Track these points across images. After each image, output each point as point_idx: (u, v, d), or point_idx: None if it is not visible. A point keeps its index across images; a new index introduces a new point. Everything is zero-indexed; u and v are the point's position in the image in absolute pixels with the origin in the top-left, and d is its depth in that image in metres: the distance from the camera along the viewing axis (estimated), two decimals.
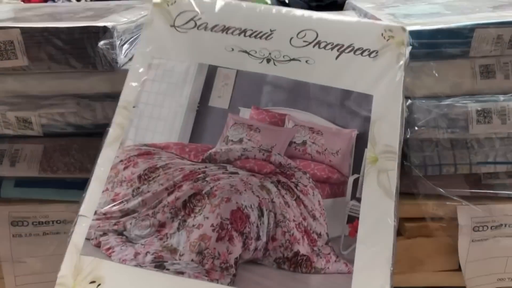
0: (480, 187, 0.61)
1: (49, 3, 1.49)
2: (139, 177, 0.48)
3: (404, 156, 0.60)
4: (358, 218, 0.46)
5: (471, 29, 0.58)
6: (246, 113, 0.53)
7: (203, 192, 0.46)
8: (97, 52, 0.50)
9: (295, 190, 0.49)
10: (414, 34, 0.59)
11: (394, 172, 0.48)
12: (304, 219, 0.48)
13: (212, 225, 0.45)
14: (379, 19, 0.68)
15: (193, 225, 0.45)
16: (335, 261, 0.46)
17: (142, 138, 0.49)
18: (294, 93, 0.53)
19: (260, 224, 0.46)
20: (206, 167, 0.49)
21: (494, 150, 0.60)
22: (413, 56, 0.59)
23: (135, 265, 0.43)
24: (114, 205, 0.46)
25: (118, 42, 0.50)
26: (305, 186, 0.49)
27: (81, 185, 0.47)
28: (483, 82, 0.60)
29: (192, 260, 0.44)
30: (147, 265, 0.43)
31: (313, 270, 0.45)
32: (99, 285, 0.42)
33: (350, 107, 0.53)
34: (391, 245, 0.44)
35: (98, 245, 0.45)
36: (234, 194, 0.46)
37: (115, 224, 0.46)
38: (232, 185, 0.47)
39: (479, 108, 0.59)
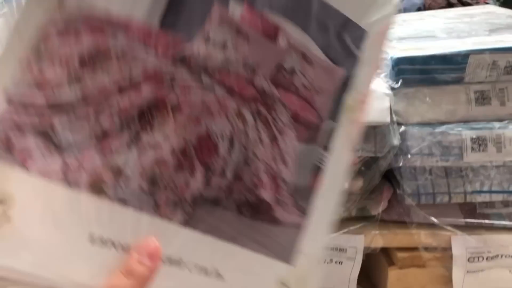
0: (475, 216, 0.60)
1: None
2: (82, 58, 0.34)
3: (397, 184, 0.59)
4: (322, 169, 0.40)
5: (466, 55, 0.57)
6: (236, 10, 0.41)
7: (168, 103, 0.36)
8: None
9: (273, 127, 0.41)
10: (407, 60, 0.58)
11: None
12: (275, 162, 0.41)
13: (172, 149, 0.36)
14: None
15: (148, 144, 0.35)
16: (293, 213, 0.39)
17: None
18: (295, 2, 0.41)
19: (229, 158, 0.39)
20: (176, 70, 0.38)
21: (490, 179, 0.59)
22: (406, 82, 0.58)
23: (62, 183, 0.31)
24: (38, 92, 0.32)
25: None
26: (284, 124, 0.40)
27: None
28: (478, 109, 0.59)
29: (140, 188, 0.34)
30: (80, 185, 0.32)
31: (273, 220, 0.39)
32: (5, 206, 0.30)
33: (345, 40, 0.44)
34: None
35: (8, 148, 0.31)
36: (206, 115, 0.37)
37: (38, 119, 0.33)
38: (205, 103, 0.38)
39: (473, 136, 0.58)
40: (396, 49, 0.60)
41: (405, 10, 1.40)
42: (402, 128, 0.58)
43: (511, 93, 0.59)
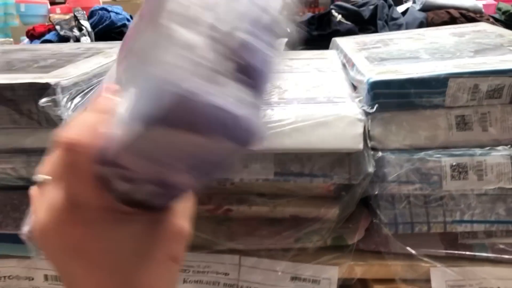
0: (456, 247, 0.57)
1: (29, 43, 1.49)
2: None
3: (374, 213, 0.57)
4: None
5: (445, 78, 0.55)
6: None
7: None
8: (39, 110, 0.48)
9: None
10: (383, 83, 0.56)
11: None
12: None
13: None
14: (354, 63, 0.65)
15: None
16: None
17: None
18: None
19: None
20: None
21: (471, 208, 0.56)
22: (382, 107, 0.56)
23: None
24: None
25: (63, 98, 0.49)
26: None
27: None
28: (459, 134, 0.57)
29: None
30: None
31: None
32: None
33: None
34: None
35: None
36: None
37: None
38: None
39: (453, 163, 0.55)
40: (373, 71, 0.58)
41: (407, 25, 1.38)
42: (379, 154, 0.56)
43: (494, 118, 0.56)
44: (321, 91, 0.60)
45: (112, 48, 0.67)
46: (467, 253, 0.56)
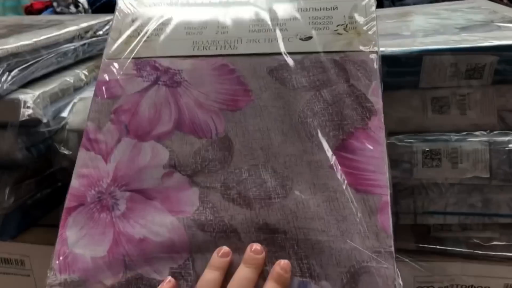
0: (428, 240, 0.52)
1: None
2: None
3: None
4: None
5: (419, 55, 0.50)
6: None
7: None
8: None
9: None
10: None
11: None
12: None
13: None
14: None
15: None
16: None
17: None
18: None
19: None
20: None
21: (444, 199, 0.51)
22: None
23: None
24: None
25: None
26: None
27: None
28: (434, 118, 0.52)
29: None
30: None
31: None
32: None
33: None
34: None
35: None
36: None
37: None
38: None
39: (426, 149, 0.50)
40: None
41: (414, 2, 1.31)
42: None
43: (473, 101, 0.51)
44: None
45: (74, 20, 0.64)
46: (439, 247, 0.52)
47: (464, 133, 0.50)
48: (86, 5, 1.42)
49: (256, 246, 0.38)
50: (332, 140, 0.42)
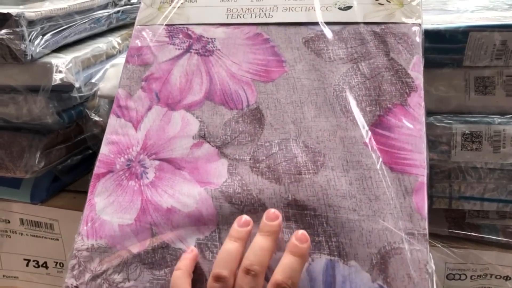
0: (462, 226, 0.50)
1: None
2: None
3: None
4: None
5: (465, 32, 0.47)
6: None
7: None
8: (2, 43, 0.45)
9: None
10: None
11: None
12: None
13: None
14: None
15: None
16: None
17: None
18: None
19: None
20: None
21: (483, 184, 0.49)
22: None
23: None
24: None
25: (30, 32, 0.45)
26: None
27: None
28: (478, 99, 0.49)
29: None
30: None
31: None
32: None
33: None
34: None
35: None
36: None
37: None
38: None
39: (466, 131, 0.48)
40: None
41: None
42: None
43: None
44: None
45: None
46: (474, 234, 0.49)
47: (509, 116, 0.48)
48: None
49: (275, 211, 0.36)
50: (368, 116, 0.40)
